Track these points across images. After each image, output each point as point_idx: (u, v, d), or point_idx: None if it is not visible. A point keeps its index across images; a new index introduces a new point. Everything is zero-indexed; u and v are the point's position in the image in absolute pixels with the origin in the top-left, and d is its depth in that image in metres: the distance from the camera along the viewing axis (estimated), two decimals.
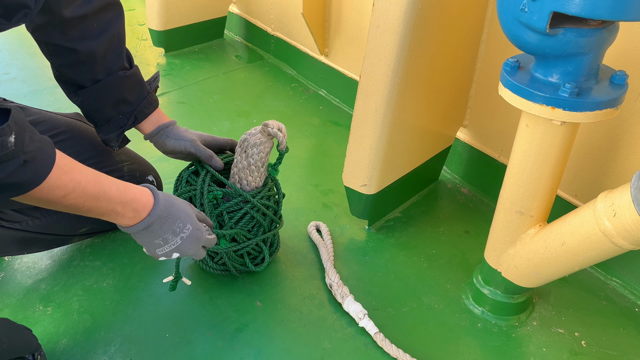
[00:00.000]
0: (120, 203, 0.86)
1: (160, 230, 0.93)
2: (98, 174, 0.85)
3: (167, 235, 0.94)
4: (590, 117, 0.82)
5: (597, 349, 1.11)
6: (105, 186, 0.84)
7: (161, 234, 0.94)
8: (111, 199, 0.85)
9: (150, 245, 0.95)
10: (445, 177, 1.62)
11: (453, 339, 1.12)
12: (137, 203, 0.89)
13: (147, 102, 1.15)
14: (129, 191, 0.88)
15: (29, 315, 1.14)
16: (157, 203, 0.92)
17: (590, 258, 0.91)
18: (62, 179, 0.77)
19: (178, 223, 0.95)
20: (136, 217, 0.90)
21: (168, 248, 0.96)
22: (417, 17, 1.05)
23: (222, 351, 1.07)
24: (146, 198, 0.91)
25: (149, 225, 0.91)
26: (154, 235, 0.93)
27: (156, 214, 0.91)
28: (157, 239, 0.94)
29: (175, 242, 0.96)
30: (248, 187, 1.12)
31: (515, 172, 0.98)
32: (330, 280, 1.21)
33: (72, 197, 0.79)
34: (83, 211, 0.83)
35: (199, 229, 0.99)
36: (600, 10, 0.72)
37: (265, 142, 1.09)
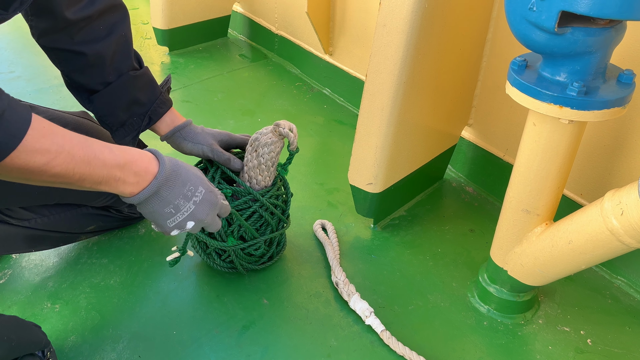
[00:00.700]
0: (118, 167, 0.77)
1: (171, 196, 0.84)
2: (87, 137, 0.75)
3: (178, 200, 0.85)
4: (598, 115, 0.83)
5: (603, 347, 1.11)
6: (96, 149, 0.75)
7: (172, 200, 0.84)
8: (106, 163, 0.76)
9: (160, 217, 0.86)
10: (450, 175, 1.62)
11: (459, 337, 1.13)
12: (138, 166, 0.80)
13: (160, 101, 1.14)
14: (126, 153, 0.79)
15: (37, 312, 1.14)
16: (162, 165, 0.83)
17: (597, 256, 0.92)
18: (42, 142, 0.69)
19: (189, 186, 0.86)
20: (140, 182, 0.81)
21: (181, 216, 0.87)
22: (423, 16, 1.06)
23: (230, 348, 1.08)
24: (147, 160, 0.82)
25: (157, 189, 0.82)
26: (164, 202, 0.84)
27: (163, 176, 0.82)
28: (168, 207, 0.85)
29: (188, 208, 0.87)
30: (257, 186, 1.13)
31: (521, 170, 0.98)
32: (336, 278, 1.22)
33: (58, 163, 0.70)
34: (76, 181, 0.74)
35: (212, 192, 0.91)
36: (609, 10, 0.72)
37: (276, 141, 1.09)
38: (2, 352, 0.84)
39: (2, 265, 1.26)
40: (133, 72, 1.11)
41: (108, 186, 0.78)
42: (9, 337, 0.86)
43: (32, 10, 1.02)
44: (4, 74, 2.19)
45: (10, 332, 0.88)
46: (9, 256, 1.28)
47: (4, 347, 0.84)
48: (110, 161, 0.76)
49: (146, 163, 0.82)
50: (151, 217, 0.86)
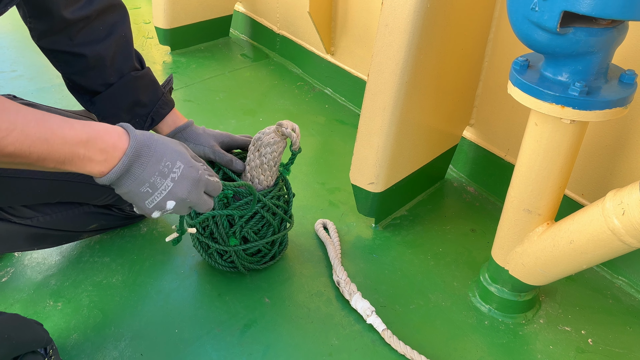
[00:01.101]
0: (81, 143, 0.71)
1: (145, 173, 0.77)
2: (45, 113, 0.69)
3: (154, 178, 0.78)
4: (600, 115, 0.83)
5: (604, 347, 1.12)
6: (54, 125, 0.69)
7: (146, 178, 0.78)
8: (66, 140, 0.69)
9: (137, 198, 0.79)
10: (451, 175, 1.63)
11: (460, 336, 1.13)
12: (104, 142, 0.74)
13: (162, 102, 1.13)
14: (89, 129, 0.72)
15: (40, 310, 1.15)
16: (133, 139, 0.76)
17: (599, 256, 0.92)
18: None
19: (165, 161, 0.79)
20: (108, 159, 0.74)
21: (159, 196, 0.79)
22: (425, 16, 1.06)
23: (231, 347, 1.08)
24: (116, 135, 0.75)
25: (128, 167, 0.76)
26: (138, 180, 0.77)
27: (134, 152, 0.75)
28: (143, 186, 0.78)
29: (166, 186, 0.79)
30: (260, 185, 1.13)
31: (523, 170, 0.98)
32: (337, 277, 1.22)
33: (10, 142, 0.65)
34: (35, 161, 0.68)
35: (193, 167, 0.83)
36: (611, 10, 0.72)
37: (279, 141, 1.10)
38: (4, 350, 0.84)
39: (5, 264, 1.26)
40: (135, 73, 1.10)
41: (73, 166, 0.72)
42: (10, 336, 0.87)
43: (30, 11, 1.02)
44: (6, 72, 2.19)
45: (11, 331, 0.88)
46: (12, 254, 1.28)
47: (5, 345, 0.84)
48: (71, 138, 0.70)
49: (114, 138, 0.75)
50: (128, 198, 0.80)
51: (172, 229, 1.08)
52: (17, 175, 1.05)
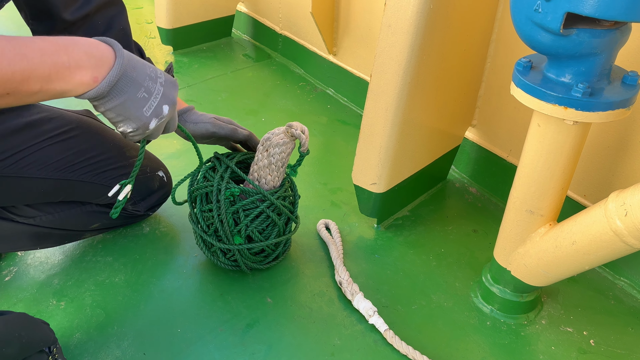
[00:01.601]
0: (61, 50, 0.66)
1: (139, 76, 0.75)
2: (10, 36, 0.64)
3: (147, 82, 0.76)
4: (603, 117, 0.83)
5: (606, 348, 1.12)
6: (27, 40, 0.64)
7: (141, 81, 0.75)
8: (44, 50, 0.65)
9: (134, 106, 0.76)
10: (453, 176, 1.63)
11: (462, 337, 1.13)
12: (87, 44, 0.69)
13: None
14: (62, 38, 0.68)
15: (43, 309, 1.15)
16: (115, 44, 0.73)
17: (601, 257, 0.92)
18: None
19: (148, 66, 0.78)
20: (99, 64, 0.69)
21: (155, 100, 0.78)
22: (428, 17, 1.06)
23: (234, 347, 1.08)
24: (95, 42, 0.71)
25: (124, 70, 0.72)
26: (135, 84, 0.74)
27: (123, 55, 0.72)
28: (140, 91, 0.75)
29: (158, 90, 0.78)
30: (266, 185, 1.13)
31: (526, 171, 0.98)
32: (339, 277, 1.22)
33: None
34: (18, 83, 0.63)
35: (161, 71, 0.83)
36: (614, 11, 0.72)
37: (288, 142, 1.10)
38: (14, 349, 0.84)
39: (8, 263, 1.26)
40: None
41: (62, 79, 0.66)
42: (21, 335, 0.87)
43: (31, 14, 1.03)
44: None
45: (22, 330, 0.88)
46: (15, 254, 1.29)
47: (16, 344, 0.85)
48: (48, 47, 0.65)
49: (94, 43, 0.70)
50: (123, 110, 0.75)
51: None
52: (21, 175, 1.06)
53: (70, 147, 1.13)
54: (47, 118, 1.12)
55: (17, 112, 1.08)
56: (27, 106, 1.11)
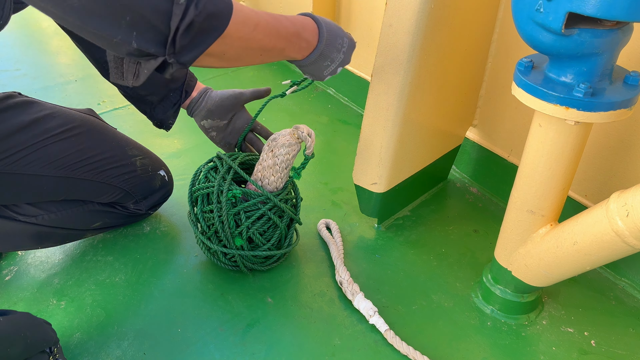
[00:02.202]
0: (294, 36, 0.89)
1: (329, 52, 0.96)
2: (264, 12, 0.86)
3: (333, 54, 0.97)
4: (604, 117, 0.83)
5: (607, 349, 1.11)
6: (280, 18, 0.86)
7: (329, 55, 0.96)
8: (288, 31, 0.87)
9: (320, 69, 0.98)
10: (454, 176, 1.62)
11: (462, 337, 1.13)
12: (307, 31, 0.91)
13: (190, 76, 1.24)
14: (296, 23, 0.90)
15: (43, 309, 1.15)
16: (320, 26, 0.94)
17: (602, 258, 0.92)
18: (244, 10, 0.77)
19: (338, 40, 0.97)
20: (308, 47, 0.93)
21: (334, 66, 0.99)
22: (429, 17, 1.06)
23: (234, 347, 1.08)
24: (311, 28, 0.93)
25: (321, 50, 0.94)
26: (323, 57, 0.96)
27: (324, 38, 0.93)
28: (326, 62, 0.97)
29: (339, 58, 0.98)
30: (269, 186, 1.13)
31: (527, 171, 0.98)
32: (340, 277, 1.22)
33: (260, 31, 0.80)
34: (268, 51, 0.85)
35: (350, 38, 1.01)
36: (616, 11, 0.72)
37: (294, 144, 1.10)
38: (19, 349, 0.84)
39: (8, 262, 1.26)
40: None
41: (284, 54, 0.90)
42: (26, 334, 0.87)
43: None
44: (10, 71, 2.20)
45: (27, 330, 0.88)
46: (15, 253, 1.29)
47: (21, 344, 0.85)
48: (288, 32, 0.87)
49: (310, 29, 0.92)
50: (311, 70, 0.98)
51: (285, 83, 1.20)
52: (24, 172, 1.06)
53: (73, 146, 1.13)
54: (51, 116, 1.13)
55: (20, 110, 1.08)
56: (31, 104, 1.11)
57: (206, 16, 0.68)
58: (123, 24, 0.64)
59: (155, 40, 0.67)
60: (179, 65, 0.71)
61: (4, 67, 2.24)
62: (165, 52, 0.69)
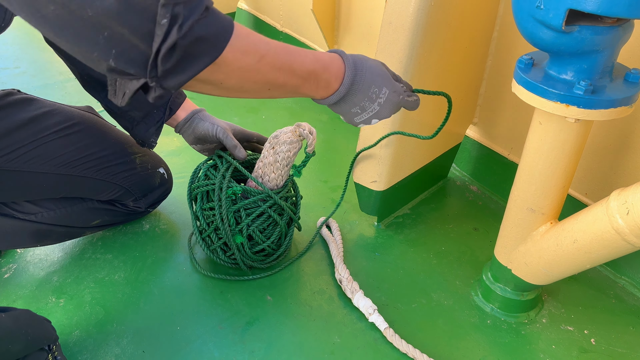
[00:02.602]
0: (312, 75, 0.80)
1: (356, 99, 0.87)
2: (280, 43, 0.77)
3: (363, 103, 0.88)
4: (605, 114, 0.83)
5: (607, 347, 1.11)
6: (294, 52, 0.77)
7: (357, 102, 0.88)
8: (304, 69, 0.78)
9: (347, 115, 0.91)
10: (454, 174, 1.62)
11: (462, 335, 1.13)
12: (329, 73, 0.83)
13: (177, 93, 1.19)
14: (319, 60, 0.81)
15: (42, 306, 1.15)
16: (348, 69, 0.85)
17: (602, 256, 0.92)
18: (251, 38, 0.70)
19: (373, 89, 0.87)
20: (329, 87, 0.84)
21: (366, 115, 0.91)
22: (429, 14, 1.06)
23: (233, 345, 1.08)
24: (336, 66, 0.84)
25: (344, 94, 0.86)
26: (349, 104, 0.88)
27: (348, 82, 0.85)
28: (354, 108, 0.89)
29: (373, 109, 0.90)
30: (269, 184, 1.13)
31: (527, 169, 0.98)
32: (340, 275, 1.22)
33: (267, 62, 0.72)
34: (278, 87, 0.77)
35: (396, 91, 0.90)
36: (617, 8, 0.72)
37: (295, 142, 1.10)
38: (20, 346, 0.84)
39: (7, 260, 1.26)
40: None
41: (300, 93, 0.82)
42: (27, 332, 0.87)
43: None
44: (9, 69, 2.20)
45: (28, 327, 0.88)
46: (14, 251, 1.29)
47: (22, 341, 0.84)
48: (306, 70, 0.79)
49: (335, 69, 0.84)
50: (339, 112, 0.91)
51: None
52: (24, 169, 1.06)
53: (73, 143, 1.13)
54: (50, 113, 1.12)
55: (20, 107, 1.08)
56: (30, 102, 1.11)
57: (194, 40, 0.61)
58: (101, 40, 0.58)
59: (136, 60, 0.60)
60: (162, 90, 0.65)
61: (3, 64, 2.23)
62: (146, 74, 0.62)
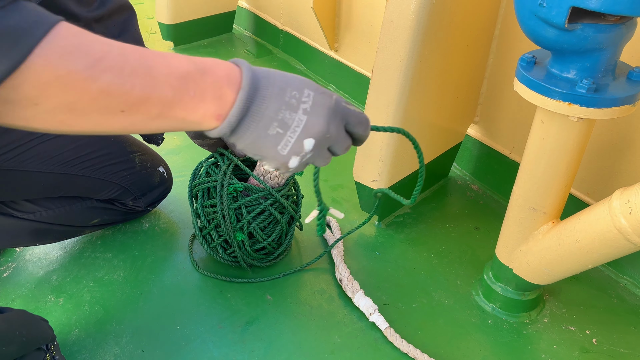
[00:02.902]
0: (189, 76, 0.55)
1: (270, 109, 0.60)
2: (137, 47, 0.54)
3: (281, 114, 0.60)
4: (607, 113, 0.82)
5: (608, 347, 1.11)
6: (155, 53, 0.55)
7: (273, 115, 0.60)
8: (172, 70, 0.54)
9: (266, 145, 0.61)
10: (455, 173, 1.61)
11: (463, 335, 1.12)
12: (214, 74, 0.57)
13: None
14: (195, 60, 0.57)
15: (41, 305, 1.14)
16: (246, 69, 0.59)
17: (604, 255, 0.91)
18: (80, 37, 0.49)
19: (290, 91, 0.61)
20: (223, 97, 0.57)
21: (293, 135, 0.61)
22: (430, 12, 1.05)
23: (233, 344, 1.08)
24: (225, 67, 0.59)
25: (247, 104, 0.58)
26: (264, 119, 0.59)
27: (250, 83, 0.58)
28: (271, 127, 0.60)
29: (299, 121, 0.61)
30: (270, 181, 1.13)
31: (529, 168, 0.97)
32: (340, 274, 1.21)
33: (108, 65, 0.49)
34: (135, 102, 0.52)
35: (324, 93, 0.63)
36: (620, 6, 0.71)
37: None
38: (14, 347, 0.83)
39: (6, 259, 1.26)
40: None
41: (182, 109, 0.55)
42: (21, 332, 0.86)
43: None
44: None
45: (22, 327, 0.87)
46: (13, 249, 1.28)
47: (17, 342, 0.84)
48: (177, 68, 0.54)
49: (225, 70, 0.58)
50: (255, 149, 0.62)
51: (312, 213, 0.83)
52: (22, 168, 1.05)
53: (71, 142, 1.12)
54: None
55: None
56: None
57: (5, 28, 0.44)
58: None
59: None
60: None
61: None
62: None
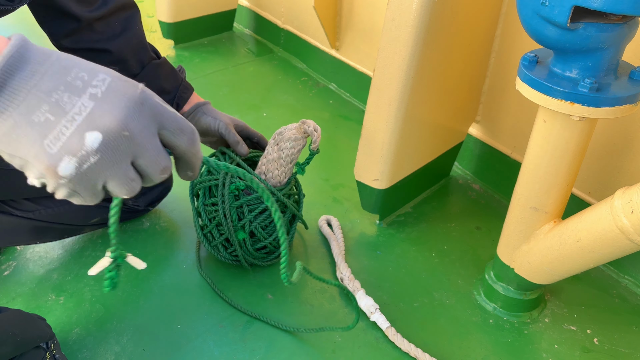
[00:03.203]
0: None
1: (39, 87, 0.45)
2: None
3: (57, 95, 0.45)
4: (610, 112, 0.82)
5: (609, 347, 1.11)
6: None
7: (44, 97, 0.44)
8: None
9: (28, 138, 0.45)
10: (456, 172, 1.61)
11: (464, 335, 1.12)
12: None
13: (183, 87, 1.19)
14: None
15: (42, 304, 1.14)
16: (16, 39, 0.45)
17: (606, 255, 0.91)
18: None
19: (76, 71, 0.47)
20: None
21: (69, 126, 0.45)
22: (432, 11, 1.05)
23: (234, 343, 1.08)
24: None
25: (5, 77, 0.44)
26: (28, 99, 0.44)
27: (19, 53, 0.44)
28: (38, 111, 0.44)
29: (82, 108, 0.45)
30: (272, 180, 1.12)
31: (530, 168, 0.97)
32: (341, 274, 1.21)
33: None
34: None
35: (128, 81, 0.49)
36: (622, 5, 0.71)
37: (300, 139, 1.09)
38: (8, 348, 0.83)
39: (7, 257, 1.26)
40: (155, 62, 1.15)
41: None
42: (15, 333, 0.86)
43: (49, 15, 1.05)
44: None
45: (16, 327, 0.87)
46: (14, 248, 1.28)
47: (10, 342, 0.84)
48: None
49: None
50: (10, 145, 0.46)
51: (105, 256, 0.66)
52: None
53: None
54: None
55: None
56: None
57: None
58: None
59: None
60: None
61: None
62: None
